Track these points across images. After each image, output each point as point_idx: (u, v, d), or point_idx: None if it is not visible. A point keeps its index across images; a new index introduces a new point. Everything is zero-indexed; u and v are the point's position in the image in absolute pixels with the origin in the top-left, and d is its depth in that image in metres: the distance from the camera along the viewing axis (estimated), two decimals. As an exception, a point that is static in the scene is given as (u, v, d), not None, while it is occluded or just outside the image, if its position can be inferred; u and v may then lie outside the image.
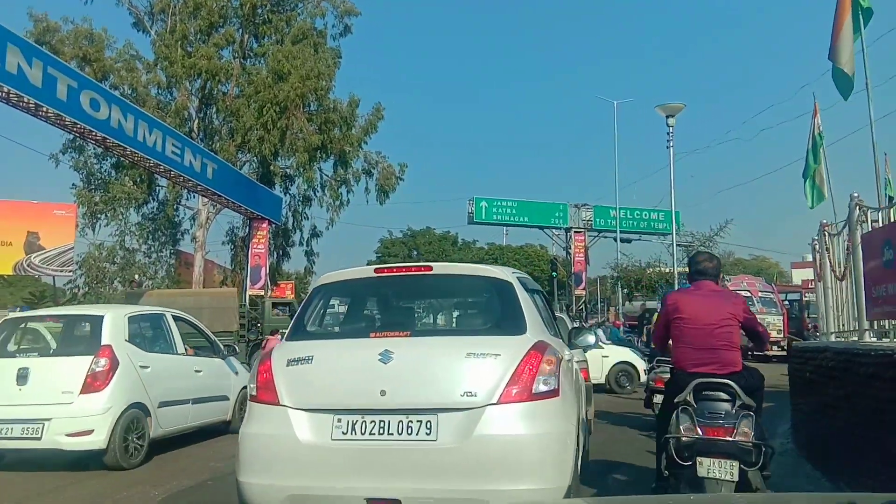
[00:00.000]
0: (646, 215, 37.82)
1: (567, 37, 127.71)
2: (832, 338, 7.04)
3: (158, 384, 7.73)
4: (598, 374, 14.39)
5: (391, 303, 5.24)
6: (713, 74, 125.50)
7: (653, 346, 9.57)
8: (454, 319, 5.30)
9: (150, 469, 7.25)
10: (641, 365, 15.09)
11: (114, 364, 7.28)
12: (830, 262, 6.78)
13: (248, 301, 23.95)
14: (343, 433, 3.97)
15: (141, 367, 7.56)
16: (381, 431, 3.94)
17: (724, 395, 4.57)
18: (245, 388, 7.87)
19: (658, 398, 8.75)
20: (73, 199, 26.67)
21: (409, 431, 3.91)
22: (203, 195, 23.64)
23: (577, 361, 5.71)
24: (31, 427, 6.92)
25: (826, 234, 6.91)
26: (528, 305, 4.44)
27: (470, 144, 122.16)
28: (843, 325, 6.77)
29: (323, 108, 27.78)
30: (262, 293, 24.99)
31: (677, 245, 27.68)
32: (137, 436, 7.31)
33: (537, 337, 4.22)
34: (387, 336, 4.27)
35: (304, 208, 30.35)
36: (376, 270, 4.92)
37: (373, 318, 5.15)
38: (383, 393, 3.96)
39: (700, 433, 4.44)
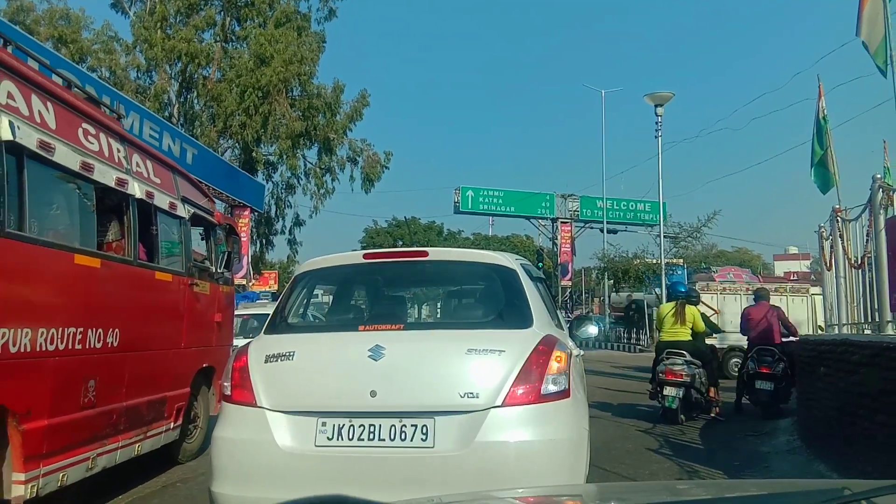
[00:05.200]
0: (632, 206, 37.70)
1: (556, 24, 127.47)
2: (844, 330, 6.69)
3: None
4: None
5: (382, 292, 4.82)
6: (704, 63, 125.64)
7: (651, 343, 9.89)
8: (452, 311, 4.88)
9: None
10: None
11: None
12: (845, 250, 6.42)
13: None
14: (328, 438, 3.53)
15: None
16: (372, 437, 3.51)
17: (769, 354, 9.83)
18: None
19: (668, 390, 8.90)
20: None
21: (403, 437, 3.49)
22: (183, 181, 22.99)
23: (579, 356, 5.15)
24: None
25: (839, 219, 6.55)
26: (533, 295, 4.08)
27: (457, 133, 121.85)
28: (857, 316, 6.43)
29: (306, 94, 27.19)
30: (244, 282, 24.44)
31: (664, 236, 27.44)
32: None
33: (545, 331, 3.84)
34: (378, 329, 3.85)
35: (287, 196, 29.86)
36: (366, 256, 4.51)
37: (362, 309, 4.67)
38: (374, 394, 3.54)
39: (757, 368, 9.77)
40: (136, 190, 5.75)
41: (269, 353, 3.82)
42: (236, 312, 14.90)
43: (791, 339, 9.96)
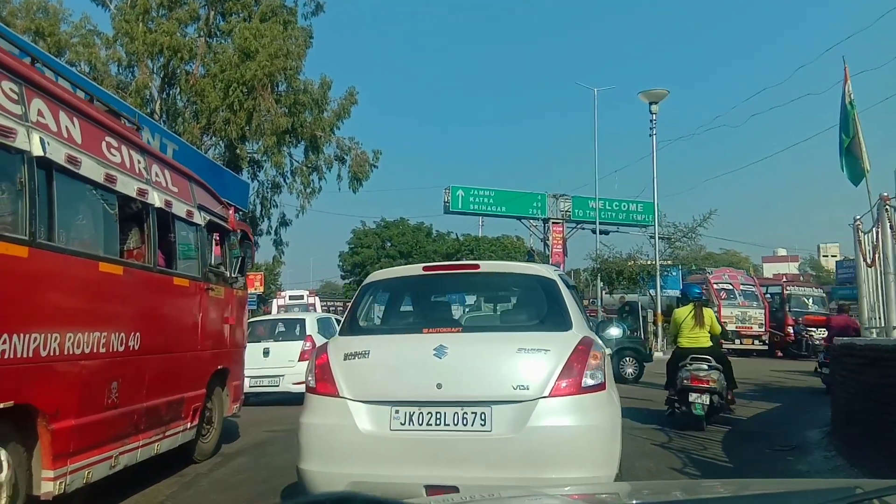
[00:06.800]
0: (625, 206, 37.25)
1: (548, 21, 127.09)
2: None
3: None
4: None
5: (440, 300, 5.44)
6: (701, 57, 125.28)
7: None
8: (502, 316, 5.49)
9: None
10: None
11: (313, 345, 12.27)
12: (897, 243, 5.78)
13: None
14: (401, 424, 4.13)
15: None
16: (438, 422, 4.09)
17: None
18: None
19: (695, 397, 8.58)
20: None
21: (465, 422, 4.07)
22: (164, 178, 22.09)
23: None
24: (273, 380, 12.77)
25: (888, 208, 5.90)
26: (570, 302, 4.62)
27: (447, 132, 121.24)
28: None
29: (293, 90, 26.40)
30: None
31: (660, 237, 26.87)
32: None
33: (582, 333, 4.40)
34: (439, 332, 4.42)
35: (273, 195, 29.01)
36: (425, 269, 5.09)
37: (423, 315, 5.17)
38: (439, 386, 4.11)
39: (824, 360, 12.24)
40: (155, 199, 6.00)
41: (347, 351, 4.42)
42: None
43: None
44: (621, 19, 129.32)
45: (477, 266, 5.11)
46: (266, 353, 12.80)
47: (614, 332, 5.72)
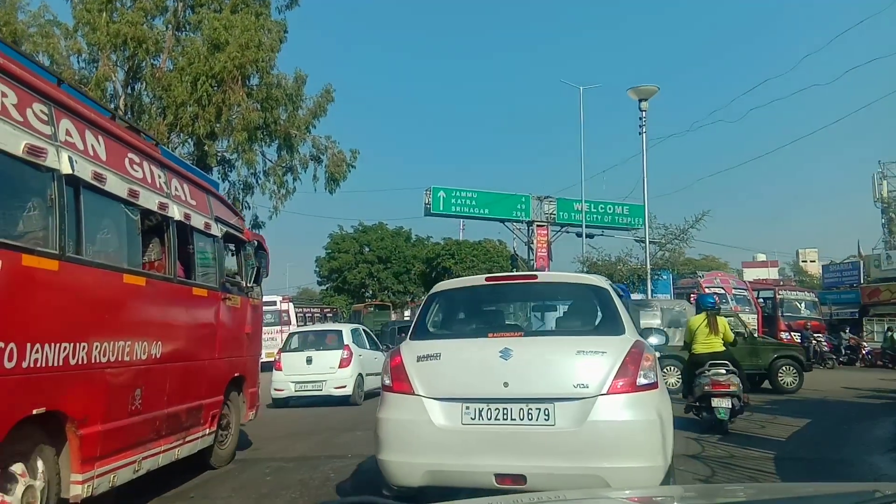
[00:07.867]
0: (611, 209, 36.56)
1: (533, 15, 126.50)
2: None
3: (366, 364, 14.95)
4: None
5: (502, 307, 5.94)
6: (696, 49, 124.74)
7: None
8: (559, 322, 5.88)
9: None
10: None
11: (351, 354, 14.74)
12: None
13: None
14: (472, 419, 4.52)
15: (359, 356, 14.89)
16: (505, 417, 4.48)
17: None
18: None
19: (718, 401, 8.99)
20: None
21: (530, 417, 4.45)
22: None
23: None
24: (316, 385, 14.46)
25: None
26: (622, 309, 4.96)
27: (428, 130, 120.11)
28: None
29: (265, 84, 25.08)
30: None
31: (651, 241, 25.86)
32: (361, 389, 14.77)
33: (635, 337, 4.78)
34: (504, 336, 4.80)
35: (244, 196, 27.56)
36: (487, 279, 5.62)
37: (487, 321, 5.52)
38: (506, 384, 4.51)
39: None
40: (175, 212, 6.24)
41: (420, 354, 4.81)
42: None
43: None
44: (615, 13, 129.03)
45: (535, 276, 5.78)
46: (309, 360, 14.61)
47: (654, 340, 5.66)
